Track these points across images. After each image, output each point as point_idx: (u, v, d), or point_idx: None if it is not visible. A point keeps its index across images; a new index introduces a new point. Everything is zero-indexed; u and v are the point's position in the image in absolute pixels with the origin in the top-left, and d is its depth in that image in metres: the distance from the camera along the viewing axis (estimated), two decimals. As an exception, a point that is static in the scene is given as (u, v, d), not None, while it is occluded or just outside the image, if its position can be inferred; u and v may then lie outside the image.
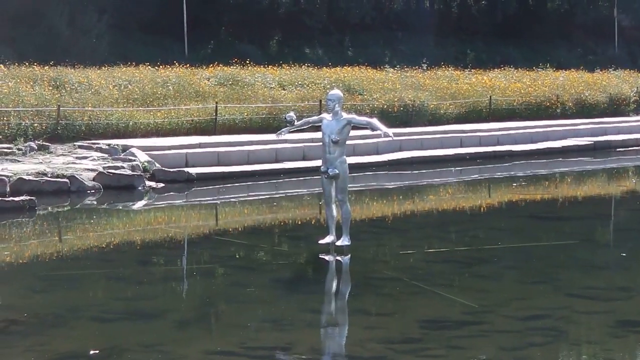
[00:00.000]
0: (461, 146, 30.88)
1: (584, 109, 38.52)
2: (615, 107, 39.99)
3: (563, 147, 32.75)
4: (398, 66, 41.81)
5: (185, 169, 24.11)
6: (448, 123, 33.76)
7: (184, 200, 22.49)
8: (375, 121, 14.67)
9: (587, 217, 20.17)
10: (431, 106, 33.81)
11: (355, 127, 15.08)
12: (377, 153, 28.32)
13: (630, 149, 34.10)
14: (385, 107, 32.35)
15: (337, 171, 14.62)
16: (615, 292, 12.69)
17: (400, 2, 68.86)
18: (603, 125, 36.34)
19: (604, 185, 26.67)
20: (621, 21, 67.38)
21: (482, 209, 21.58)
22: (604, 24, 66.87)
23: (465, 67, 44.06)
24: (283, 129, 15.81)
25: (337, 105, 14.59)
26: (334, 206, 15.07)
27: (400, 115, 32.54)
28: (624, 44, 66.55)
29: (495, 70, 43.72)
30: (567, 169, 29.74)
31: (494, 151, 30.80)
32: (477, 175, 27.71)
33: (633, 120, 38.81)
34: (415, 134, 30.82)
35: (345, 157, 14.83)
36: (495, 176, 27.74)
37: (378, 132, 14.47)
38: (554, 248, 16.07)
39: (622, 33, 66.91)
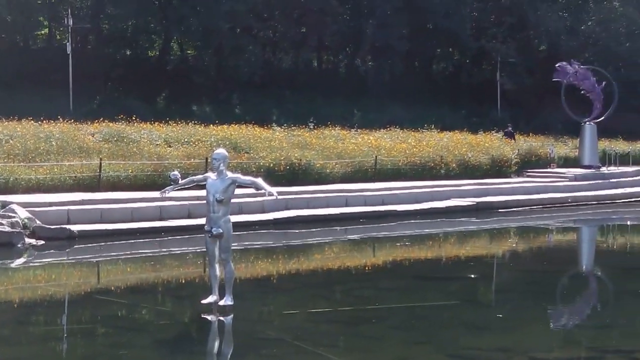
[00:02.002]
0: (347, 205, 31.00)
1: (467, 170, 39.10)
2: (498, 168, 40.68)
3: (447, 207, 33.08)
4: (285, 125, 42.00)
5: (67, 226, 23.64)
6: (334, 182, 33.84)
7: (65, 258, 22.02)
8: (259, 180, 14.71)
9: (470, 277, 20.38)
10: (317, 165, 33.90)
11: (240, 186, 15.04)
12: (263, 212, 28.23)
13: (511, 210, 34.69)
14: (271, 165, 32.35)
15: (221, 230, 14.56)
16: (495, 353, 12.81)
17: (289, 61, 69.51)
18: (485, 186, 36.93)
19: (486, 245, 27.05)
20: (503, 85, 69.13)
21: (367, 268, 21.64)
22: (487, 87, 68.55)
23: (352, 127, 44.47)
24: (167, 188, 15.71)
25: (222, 165, 14.57)
26: (217, 265, 14.96)
27: (286, 174, 32.56)
28: (506, 107, 68.23)
29: (382, 130, 44.25)
30: (450, 229, 30.08)
31: (379, 211, 30.98)
32: (362, 235, 27.82)
33: (514, 181, 39.52)
34: (301, 192, 30.83)
35: (229, 216, 14.78)
36: (380, 236, 27.89)
37: (262, 191, 14.51)
38: (437, 308, 16.19)
39: (505, 96, 68.62)
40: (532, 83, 69.77)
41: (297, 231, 27.16)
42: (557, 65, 47.66)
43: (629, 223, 35.13)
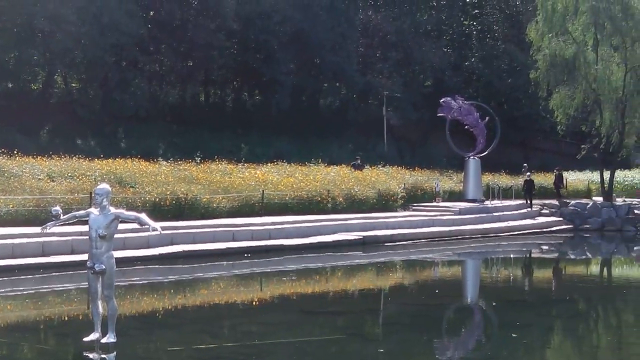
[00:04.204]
0: (233, 240, 30.80)
1: (354, 204, 39.28)
2: (384, 202, 40.99)
3: (334, 241, 33.15)
4: (171, 159, 41.60)
5: (-55, 263, 22.97)
6: (221, 217, 33.60)
7: (-58, 296, 21.35)
8: (143, 216, 14.52)
9: (356, 311, 20.44)
10: (204, 200, 33.66)
11: (124, 221, 14.82)
12: (148, 247, 27.88)
13: (397, 243, 34.97)
14: (157, 200, 32.00)
15: (104, 266, 14.33)
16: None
17: (176, 95, 69.09)
18: (372, 220, 37.15)
19: (372, 279, 27.17)
20: (389, 119, 69.84)
21: (253, 303, 21.53)
22: (373, 121, 69.12)
23: (239, 161, 44.31)
24: (48, 223, 15.36)
25: (105, 200, 14.37)
26: (100, 302, 14.69)
27: (172, 209, 32.25)
28: (393, 142, 68.91)
29: (269, 164, 44.22)
30: (337, 263, 30.15)
31: (266, 245, 30.87)
32: (249, 270, 27.68)
33: (400, 215, 39.84)
34: (187, 227, 30.55)
35: (112, 252, 14.56)
36: (267, 270, 27.80)
37: (146, 226, 14.35)
38: (323, 343, 16.15)
39: (391, 131, 69.32)
40: (417, 118, 70.70)
41: (183, 266, 26.87)
42: (441, 100, 48.42)
43: (511, 256, 35.78)
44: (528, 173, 48.88)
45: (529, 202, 46.46)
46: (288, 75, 65.78)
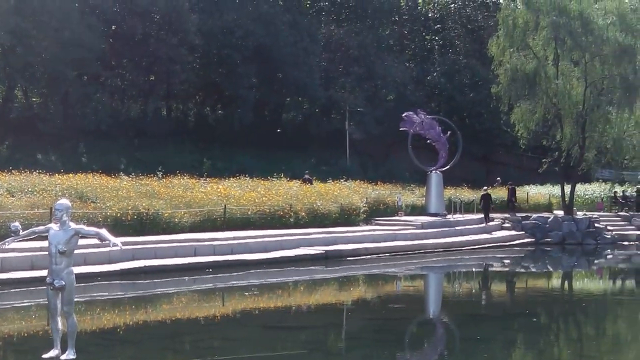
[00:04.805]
0: (195, 255, 30.66)
1: (317, 219, 39.19)
2: (347, 216, 40.96)
3: (296, 255, 33.09)
4: (133, 174, 41.35)
5: None
6: (183, 232, 33.40)
7: None
8: (103, 231, 14.42)
9: (319, 326, 20.40)
10: (166, 215, 33.45)
11: (84, 237, 14.70)
12: (110, 262, 27.67)
13: (359, 257, 34.97)
14: (118, 215, 31.76)
15: (64, 282, 14.19)
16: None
17: (137, 109, 68.86)
18: (334, 234, 37.11)
19: (335, 294, 27.14)
20: (352, 134, 70.03)
21: (215, 318, 21.44)
22: (336, 136, 69.30)
23: (201, 176, 44.14)
24: (8, 239, 15.19)
25: (64, 215, 14.25)
26: (59, 318, 14.55)
27: (133, 224, 32.02)
28: (355, 156, 69.09)
29: (231, 179, 44.09)
30: (300, 277, 30.09)
31: (228, 260, 30.74)
32: (211, 285, 27.56)
33: (363, 230, 39.83)
34: (148, 242, 30.34)
35: (72, 268, 14.43)
36: (229, 285, 27.69)
37: (107, 242, 14.24)
38: (285, 358, 16.10)
39: (354, 145, 69.50)
40: (380, 132, 70.88)
41: (144, 282, 26.70)
42: (404, 114, 48.51)
43: (473, 270, 35.89)
44: (485, 187, 48.99)
45: (486, 216, 46.57)
46: (250, 90, 65.85)
